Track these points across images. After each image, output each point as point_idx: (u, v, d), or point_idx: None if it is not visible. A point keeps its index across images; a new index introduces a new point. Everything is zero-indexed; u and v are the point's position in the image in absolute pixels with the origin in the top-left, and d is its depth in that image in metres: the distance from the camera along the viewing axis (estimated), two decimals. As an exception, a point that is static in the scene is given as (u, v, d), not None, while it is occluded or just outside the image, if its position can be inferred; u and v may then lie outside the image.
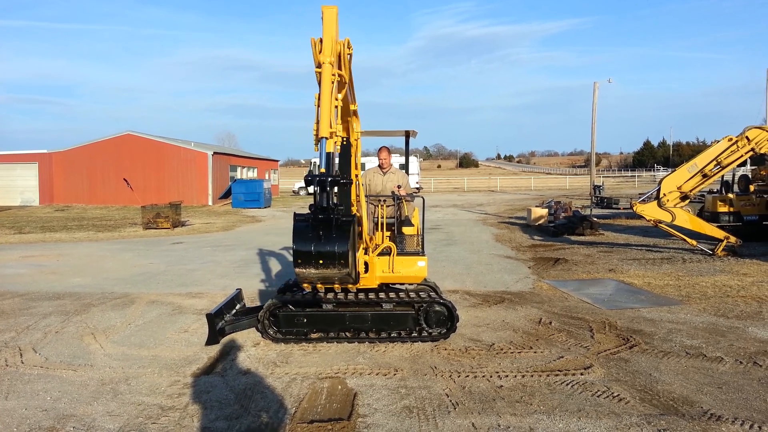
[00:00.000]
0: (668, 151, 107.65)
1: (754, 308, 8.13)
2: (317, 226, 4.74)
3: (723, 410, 4.76)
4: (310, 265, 4.78)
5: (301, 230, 4.73)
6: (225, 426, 4.60)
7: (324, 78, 4.88)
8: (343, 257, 4.77)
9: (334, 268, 4.80)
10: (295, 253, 4.67)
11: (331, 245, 4.71)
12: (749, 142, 12.60)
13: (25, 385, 5.52)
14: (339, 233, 4.79)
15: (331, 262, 4.76)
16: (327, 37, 5.04)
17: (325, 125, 4.76)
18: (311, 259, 4.75)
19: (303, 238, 4.69)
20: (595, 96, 34.06)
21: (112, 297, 9.48)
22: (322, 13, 5.10)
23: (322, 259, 4.75)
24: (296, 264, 4.73)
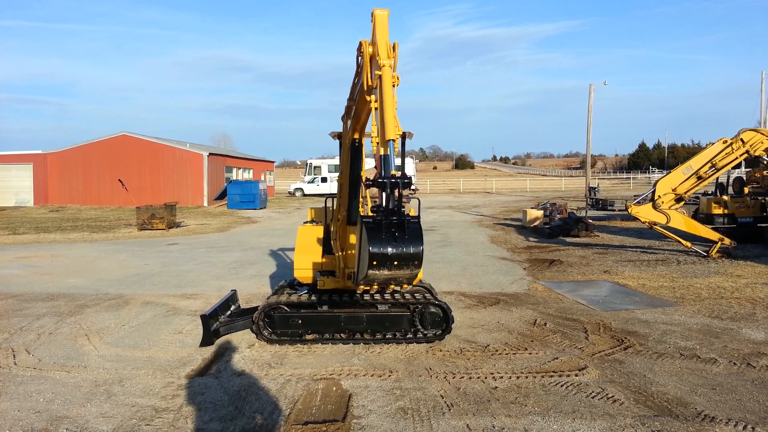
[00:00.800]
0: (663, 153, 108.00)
1: (748, 310, 8.16)
2: (390, 228, 4.70)
3: (717, 411, 4.77)
4: (385, 267, 4.71)
5: (376, 233, 4.65)
6: (219, 427, 4.59)
7: (385, 81, 4.83)
8: (419, 258, 4.76)
9: (407, 269, 4.78)
10: (372, 256, 4.58)
11: (408, 246, 4.67)
12: (744, 144, 12.64)
13: (18, 386, 5.49)
14: (414, 234, 4.77)
15: (407, 263, 4.73)
16: (382, 40, 5.01)
17: (392, 128, 4.71)
18: (387, 260, 4.68)
19: (379, 241, 4.61)
20: (591, 98, 34.13)
21: (106, 298, 9.44)
22: (374, 17, 5.08)
23: (399, 260, 4.70)
24: (371, 266, 4.65)
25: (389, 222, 4.69)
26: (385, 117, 4.75)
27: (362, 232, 4.69)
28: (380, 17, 5.08)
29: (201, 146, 44.73)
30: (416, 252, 4.70)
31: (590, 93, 34.23)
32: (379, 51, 4.91)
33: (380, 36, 4.98)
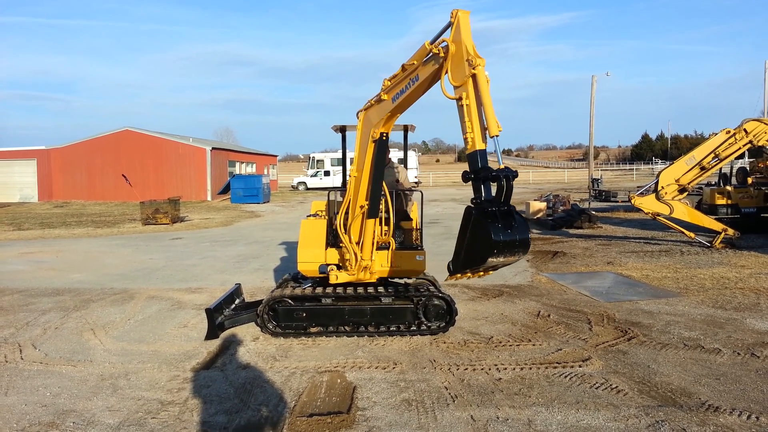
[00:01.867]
0: (666, 144, 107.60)
1: (752, 300, 8.15)
2: (504, 216, 4.91)
3: (721, 401, 4.78)
4: (503, 254, 4.89)
5: (494, 222, 4.85)
6: (225, 420, 4.62)
7: (481, 80, 4.99)
8: (529, 244, 5.01)
9: (518, 254, 4.98)
10: (495, 244, 4.76)
11: (521, 233, 4.90)
12: (747, 134, 12.60)
13: (25, 380, 5.53)
14: (523, 221, 5.01)
15: (519, 249, 4.95)
16: (468, 39, 5.14)
17: (494, 124, 4.93)
18: (507, 247, 4.86)
19: (499, 229, 4.80)
20: (593, 89, 34.02)
21: (111, 293, 9.49)
22: (458, 17, 5.18)
23: (515, 246, 4.90)
24: (492, 254, 4.83)
25: (501, 212, 4.92)
26: (486, 114, 4.95)
27: (476, 223, 4.90)
28: (464, 16, 5.19)
29: (204, 141, 44.77)
30: (527, 238, 4.95)
31: (593, 84, 34.12)
32: (470, 50, 5.05)
33: (465, 35, 5.11)
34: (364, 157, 6.39)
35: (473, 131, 4.99)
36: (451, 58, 5.18)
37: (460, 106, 5.08)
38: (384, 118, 6.10)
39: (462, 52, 5.07)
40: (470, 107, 5.00)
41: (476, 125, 5.01)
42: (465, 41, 5.09)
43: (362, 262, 6.83)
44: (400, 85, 5.84)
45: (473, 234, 4.98)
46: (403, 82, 5.79)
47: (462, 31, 5.11)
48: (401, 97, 5.82)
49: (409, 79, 5.72)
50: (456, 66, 5.15)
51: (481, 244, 4.86)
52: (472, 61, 5.00)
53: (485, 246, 4.81)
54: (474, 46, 5.13)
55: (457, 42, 5.12)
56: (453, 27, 5.16)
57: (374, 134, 6.22)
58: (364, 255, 6.81)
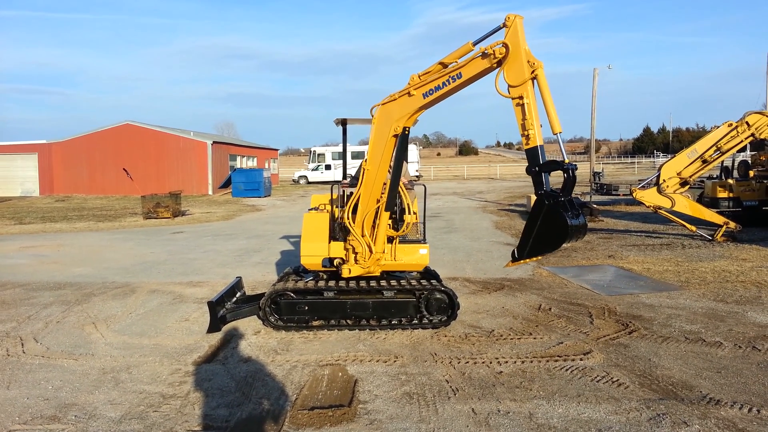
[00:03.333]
0: (668, 137, 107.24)
1: (753, 293, 8.15)
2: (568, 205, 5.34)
3: (722, 394, 4.78)
4: (574, 237, 5.33)
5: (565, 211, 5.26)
6: (226, 413, 4.63)
7: (542, 81, 5.37)
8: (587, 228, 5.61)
9: (581, 238, 5.53)
10: (572, 229, 5.21)
11: (583, 219, 5.44)
12: (749, 127, 12.56)
13: (27, 374, 5.54)
14: (580, 209, 5.47)
15: (583, 232, 5.45)
16: (524, 43, 5.44)
17: (557, 122, 5.34)
18: (577, 231, 5.32)
19: (570, 216, 5.25)
20: (595, 82, 33.90)
21: (112, 286, 9.50)
22: (515, 22, 5.47)
23: (581, 230, 5.39)
24: (567, 239, 5.27)
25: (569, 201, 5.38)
26: (549, 114, 5.35)
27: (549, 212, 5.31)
28: (519, 21, 5.50)
29: (205, 134, 44.76)
30: (587, 223, 5.62)
31: (594, 77, 33.99)
32: (529, 53, 5.41)
33: (522, 38, 5.44)
34: (381, 151, 6.44)
35: (534, 128, 5.39)
36: (510, 59, 5.47)
37: (520, 105, 5.44)
38: (409, 113, 6.28)
39: (518, 54, 5.41)
40: (530, 105, 5.39)
41: (536, 122, 5.41)
42: (522, 44, 5.43)
43: (376, 255, 6.86)
44: (436, 81, 6.01)
45: (547, 222, 5.40)
46: (440, 79, 5.97)
47: (519, 34, 5.45)
48: (437, 93, 6.02)
49: (449, 76, 5.92)
50: (512, 67, 5.47)
51: (557, 230, 5.29)
52: (532, 63, 5.37)
53: (562, 232, 5.26)
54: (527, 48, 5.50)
55: (514, 44, 5.44)
56: (509, 30, 5.49)
57: (396, 129, 6.35)
58: (377, 248, 6.85)
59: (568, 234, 5.22)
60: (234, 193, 34.51)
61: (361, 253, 6.94)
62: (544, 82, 5.40)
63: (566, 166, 5.27)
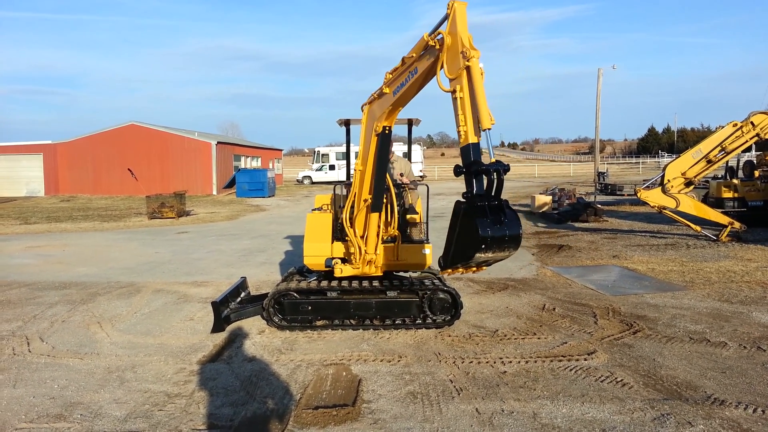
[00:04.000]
0: (673, 137, 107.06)
1: (759, 293, 8.13)
2: (494, 211, 4.81)
3: (726, 395, 4.77)
4: (490, 250, 4.81)
5: (483, 217, 4.76)
6: (231, 412, 4.64)
7: (475, 72, 4.91)
8: (519, 239, 4.88)
9: (508, 250, 4.89)
10: (482, 239, 4.69)
11: (511, 228, 4.81)
12: (754, 127, 12.51)
13: (33, 373, 5.57)
14: (514, 217, 4.90)
15: (509, 245, 4.86)
16: (464, 31, 5.06)
17: (487, 118, 4.85)
18: (495, 243, 4.79)
19: (487, 225, 4.72)
20: (599, 82, 33.88)
21: (117, 286, 9.53)
22: (454, 8, 5.10)
23: (504, 242, 4.82)
24: (480, 249, 4.75)
25: (492, 206, 4.82)
26: (479, 107, 4.85)
27: (465, 218, 4.84)
28: (460, 8, 5.10)
29: (209, 135, 44.83)
30: (517, 234, 4.83)
31: (599, 77, 33.97)
32: (465, 42, 4.96)
33: (461, 27, 5.01)
34: (368, 150, 6.37)
35: (466, 124, 4.92)
36: (447, 50, 5.09)
37: (454, 99, 5.01)
38: (386, 111, 6.06)
39: (457, 45, 4.98)
40: (464, 100, 4.93)
41: (469, 118, 4.93)
42: (461, 33, 4.99)
43: (366, 256, 6.83)
44: (401, 78, 5.79)
45: (461, 229, 4.93)
46: (403, 75, 5.74)
47: (458, 22, 5.02)
48: (401, 90, 5.76)
49: (408, 72, 5.66)
50: (451, 58, 5.07)
51: (470, 239, 4.78)
52: (466, 53, 4.91)
53: (473, 241, 4.73)
54: (470, 38, 5.03)
55: (453, 34, 5.03)
56: (449, 18, 5.08)
57: (377, 128, 6.19)
58: (368, 249, 6.81)
59: (479, 244, 4.70)
60: (238, 194, 34.56)
61: (353, 254, 6.93)
62: (476, 73, 4.92)
63: (488, 167, 4.79)
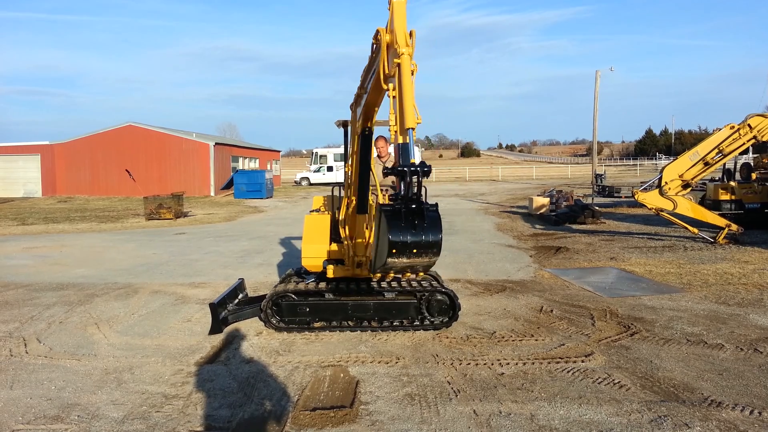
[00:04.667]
0: (670, 139, 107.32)
1: (756, 295, 8.14)
2: (410, 215, 4.67)
3: (723, 397, 4.78)
4: (404, 255, 4.67)
5: (395, 221, 4.61)
6: (228, 414, 4.64)
7: (404, 69, 4.75)
8: (438, 246, 4.71)
9: (426, 257, 4.72)
10: (392, 244, 4.55)
11: (428, 235, 4.65)
12: (751, 129, 12.54)
13: (30, 374, 5.56)
14: (432, 222, 4.74)
15: (426, 251, 4.70)
16: (400, 27, 4.92)
17: (411, 116, 4.66)
18: (407, 248, 4.64)
19: (399, 229, 4.57)
20: (597, 84, 33.94)
21: (115, 287, 9.52)
22: (392, 4, 5.01)
23: (418, 248, 4.66)
24: (390, 254, 4.61)
25: (408, 210, 4.67)
26: (404, 105, 4.71)
27: (381, 220, 4.70)
28: (398, 4, 4.99)
29: (207, 136, 44.81)
30: (435, 240, 4.68)
31: (596, 79, 34.03)
32: (398, 39, 4.84)
33: (398, 23, 4.91)
34: (352, 151, 6.34)
35: (396, 124, 4.79)
36: (386, 47, 4.99)
37: (391, 98, 4.88)
38: (365, 111, 5.97)
39: (393, 42, 4.87)
40: (396, 99, 4.80)
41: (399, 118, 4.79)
42: (397, 30, 4.88)
43: (355, 258, 6.81)
44: (366, 77, 5.72)
45: (378, 233, 4.81)
46: (368, 75, 5.65)
47: (395, 18, 4.90)
48: (368, 89, 5.65)
49: (371, 71, 5.55)
50: (391, 56, 4.95)
51: (381, 244, 4.66)
52: (397, 50, 4.78)
53: (383, 246, 4.61)
54: (407, 34, 4.90)
55: (391, 31, 4.92)
56: (389, 16, 4.96)
57: (357, 128, 6.15)
58: (357, 251, 6.79)
59: (390, 248, 4.55)
60: (236, 195, 34.57)
61: (344, 255, 6.94)
62: (405, 70, 4.76)
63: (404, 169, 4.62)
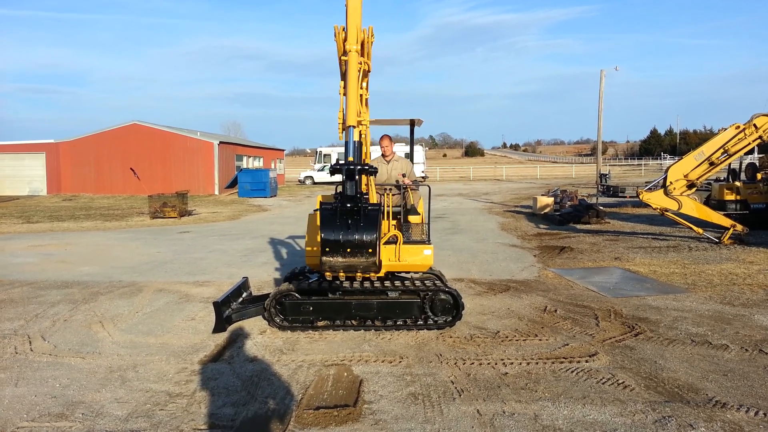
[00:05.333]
0: (675, 139, 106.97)
1: (761, 296, 8.11)
2: (345, 214, 4.68)
3: (728, 397, 4.77)
4: (338, 254, 4.72)
5: (329, 219, 4.65)
6: (232, 412, 4.64)
7: (351, 66, 4.72)
8: (372, 246, 4.72)
9: (361, 257, 4.75)
10: (324, 242, 4.60)
11: (360, 234, 4.65)
12: (757, 129, 12.50)
13: (35, 372, 5.58)
14: (368, 222, 4.75)
15: (360, 251, 4.71)
16: (352, 25, 4.87)
17: (352, 114, 4.61)
18: (339, 247, 4.69)
19: (332, 227, 4.62)
20: (602, 84, 33.85)
21: (119, 285, 9.54)
22: (347, 1, 4.99)
23: (351, 247, 4.69)
24: (324, 252, 4.66)
25: (345, 209, 4.64)
26: (348, 102, 4.65)
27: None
28: (352, 1, 4.94)
29: (211, 135, 44.85)
30: (368, 239, 4.66)
31: (601, 79, 33.94)
32: (348, 35, 4.78)
33: (351, 20, 4.84)
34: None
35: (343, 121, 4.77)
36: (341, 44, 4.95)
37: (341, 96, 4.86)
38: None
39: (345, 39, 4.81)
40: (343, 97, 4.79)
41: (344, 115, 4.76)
42: (349, 26, 4.83)
43: None
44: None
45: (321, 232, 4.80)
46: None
47: (349, 15, 4.84)
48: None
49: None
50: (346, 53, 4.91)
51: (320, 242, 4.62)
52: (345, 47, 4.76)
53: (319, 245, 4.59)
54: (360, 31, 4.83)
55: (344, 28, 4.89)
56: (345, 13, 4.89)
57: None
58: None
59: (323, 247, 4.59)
60: (240, 193, 34.60)
61: None
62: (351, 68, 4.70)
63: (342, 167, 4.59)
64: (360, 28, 5.11)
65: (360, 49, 5.14)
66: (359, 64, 5.00)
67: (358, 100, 4.79)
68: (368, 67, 5.25)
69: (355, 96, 4.69)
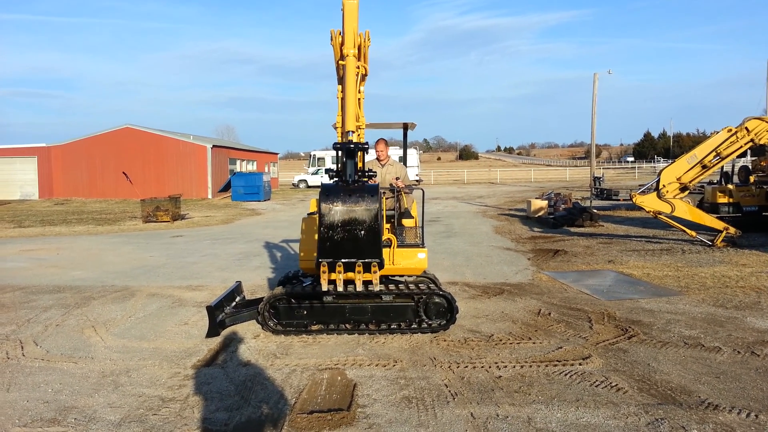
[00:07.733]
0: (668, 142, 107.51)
1: (753, 298, 8.15)
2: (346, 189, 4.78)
3: (720, 399, 4.78)
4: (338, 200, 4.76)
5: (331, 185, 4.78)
6: (225, 417, 4.63)
7: (349, 70, 4.73)
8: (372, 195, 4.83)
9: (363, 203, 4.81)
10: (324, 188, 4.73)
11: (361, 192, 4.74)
12: (749, 132, 12.59)
13: (27, 377, 5.55)
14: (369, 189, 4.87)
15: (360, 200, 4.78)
16: (349, 29, 4.87)
17: (351, 118, 4.63)
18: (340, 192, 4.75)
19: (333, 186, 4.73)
20: (595, 87, 33.99)
21: (112, 290, 9.50)
22: (343, 5, 4.97)
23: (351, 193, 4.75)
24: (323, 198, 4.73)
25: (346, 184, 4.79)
26: (346, 108, 4.66)
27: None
28: (349, 6, 4.94)
29: (205, 138, 44.73)
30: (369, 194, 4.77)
31: (594, 82, 34.08)
32: (346, 40, 4.79)
33: (348, 25, 4.85)
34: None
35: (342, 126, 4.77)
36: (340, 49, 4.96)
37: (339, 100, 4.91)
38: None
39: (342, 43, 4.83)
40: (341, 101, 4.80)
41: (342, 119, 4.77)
42: (346, 31, 4.85)
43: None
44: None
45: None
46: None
47: (345, 19, 4.85)
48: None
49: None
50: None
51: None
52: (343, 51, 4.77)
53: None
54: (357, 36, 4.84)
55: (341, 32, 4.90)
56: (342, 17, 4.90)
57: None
58: None
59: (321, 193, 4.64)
60: (234, 197, 34.55)
61: None
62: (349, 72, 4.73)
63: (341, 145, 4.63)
64: (357, 32, 5.14)
65: (357, 53, 5.16)
66: (357, 68, 5.01)
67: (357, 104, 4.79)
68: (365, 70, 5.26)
69: (354, 100, 4.70)
